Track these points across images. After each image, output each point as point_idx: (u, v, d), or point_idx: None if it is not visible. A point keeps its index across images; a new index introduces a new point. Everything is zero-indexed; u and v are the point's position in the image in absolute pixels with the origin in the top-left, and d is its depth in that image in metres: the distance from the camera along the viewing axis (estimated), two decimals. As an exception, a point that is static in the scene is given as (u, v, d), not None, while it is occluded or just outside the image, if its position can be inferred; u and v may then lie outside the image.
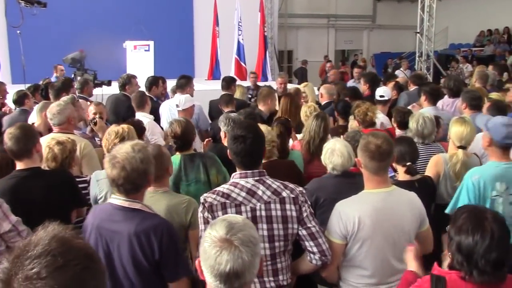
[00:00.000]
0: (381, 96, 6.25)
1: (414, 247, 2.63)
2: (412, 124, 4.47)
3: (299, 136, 5.05)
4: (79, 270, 1.07)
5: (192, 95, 6.62)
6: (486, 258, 2.00)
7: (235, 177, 2.69)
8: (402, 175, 3.75)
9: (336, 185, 3.51)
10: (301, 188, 2.73)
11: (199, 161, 3.84)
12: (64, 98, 5.12)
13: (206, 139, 4.86)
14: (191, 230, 3.09)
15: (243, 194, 2.60)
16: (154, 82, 7.16)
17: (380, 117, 5.56)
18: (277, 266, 2.65)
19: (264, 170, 2.71)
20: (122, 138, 3.57)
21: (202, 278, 1.76)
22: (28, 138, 3.33)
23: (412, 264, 2.56)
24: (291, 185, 2.70)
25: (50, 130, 4.46)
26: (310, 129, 4.64)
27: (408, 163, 3.70)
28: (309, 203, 2.70)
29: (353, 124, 5.31)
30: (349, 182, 3.43)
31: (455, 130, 4.01)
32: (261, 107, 6.09)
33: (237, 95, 7.16)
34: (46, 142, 3.74)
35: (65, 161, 3.67)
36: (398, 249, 2.78)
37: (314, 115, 4.79)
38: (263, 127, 4.05)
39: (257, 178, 2.65)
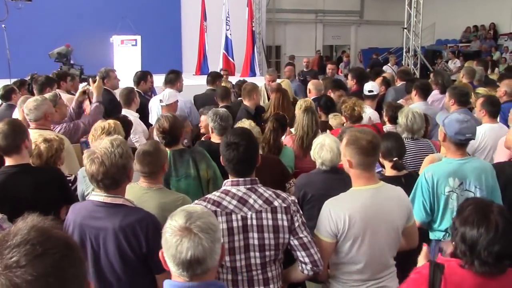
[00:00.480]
0: (369, 91, 6.26)
1: (427, 248, 2.65)
2: (401, 119, 4.48)
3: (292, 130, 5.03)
4: (58, 258, 1.09)
5: (181, 90, 6.61)
6: (489, 250, 2.04)
7: (227, 184, 2.65)
8: (388, 171, 3.76)
9: (324, 181, 3.51)
10: (293, 198, 2.68)
11: (189, 156, 3.82)
12: (47, 95, 5.05)
13: (204, 136, 4.90)
14: None
15: (234, 202, 2.56)
16: (143, 77, 7.10)
17: (369, 112, 5.58)
18: (268, 275, 2.61)
19: (257, 178, 2.66)
20: (108, 134, 3.53)
21: (167, 269, 1.81)
22: (17, 134, 3.29)
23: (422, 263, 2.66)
24: (283, 194, 2.66)
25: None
26: (302, 124, 4.62)
27: (395, 159, 3.71)
28: (301, 212, 2.66)
29: (334, 121, 5.30)
30: (337, 178, 3.43)
31: None
32: (247, 102, 6.06)
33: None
34: (33, 138, 3.70)
35: (50, 159, 3.61)
36: (388, 244, 2.79)
37: (303, 110, 4.78)
38: (247, 122, 4.05)
39: (249, 186, 2.61)
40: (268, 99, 7.41)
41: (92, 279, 2.51)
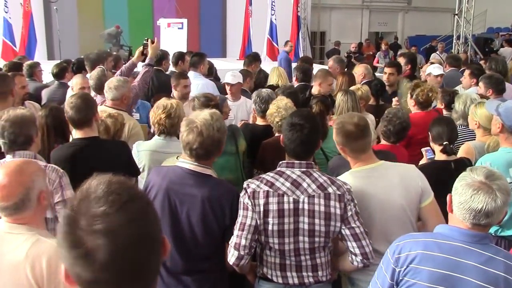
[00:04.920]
0: (441, 76, 6.35)
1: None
2: (458, 105, 4.34)
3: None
4: (144, 203, 1.15)
5: (205, 73, 6.57)
6: None
7: (282, 165, 2.63)
8: (438, 155, 3.66)
9: None
10: (348, 186, 2.61)
11: (229, 132, 3.86)
12: (95, 71, 5.20)
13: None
14: None
15: (288, 184, 2.54)
16: (180, 57, 7.19)
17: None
18: (316, 261, 2.59)
19: (313, 163, 2.64)
20: (169, 114, 3.59)
21: (449, 211, 2.08)
22: (89, 108, 3.41)
23: None
24: (339, 181, 2.61)
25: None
26: (343, 106, 4.53)
27: (444, 143, 3.62)
28: (355, 202, 2.58)
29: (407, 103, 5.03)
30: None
31: (486, 114, 3.78)
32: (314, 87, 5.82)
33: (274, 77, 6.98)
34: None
35: (116, 134, 3.75)
36: (396, 225, 2.70)
37: (341, 93, 4.69)
38: (283, 101, 4.02)
39: (304, 169, 2.58)
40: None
41: (169, 238, 2.55)
